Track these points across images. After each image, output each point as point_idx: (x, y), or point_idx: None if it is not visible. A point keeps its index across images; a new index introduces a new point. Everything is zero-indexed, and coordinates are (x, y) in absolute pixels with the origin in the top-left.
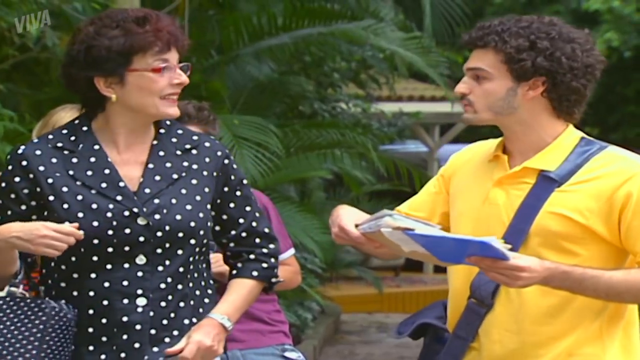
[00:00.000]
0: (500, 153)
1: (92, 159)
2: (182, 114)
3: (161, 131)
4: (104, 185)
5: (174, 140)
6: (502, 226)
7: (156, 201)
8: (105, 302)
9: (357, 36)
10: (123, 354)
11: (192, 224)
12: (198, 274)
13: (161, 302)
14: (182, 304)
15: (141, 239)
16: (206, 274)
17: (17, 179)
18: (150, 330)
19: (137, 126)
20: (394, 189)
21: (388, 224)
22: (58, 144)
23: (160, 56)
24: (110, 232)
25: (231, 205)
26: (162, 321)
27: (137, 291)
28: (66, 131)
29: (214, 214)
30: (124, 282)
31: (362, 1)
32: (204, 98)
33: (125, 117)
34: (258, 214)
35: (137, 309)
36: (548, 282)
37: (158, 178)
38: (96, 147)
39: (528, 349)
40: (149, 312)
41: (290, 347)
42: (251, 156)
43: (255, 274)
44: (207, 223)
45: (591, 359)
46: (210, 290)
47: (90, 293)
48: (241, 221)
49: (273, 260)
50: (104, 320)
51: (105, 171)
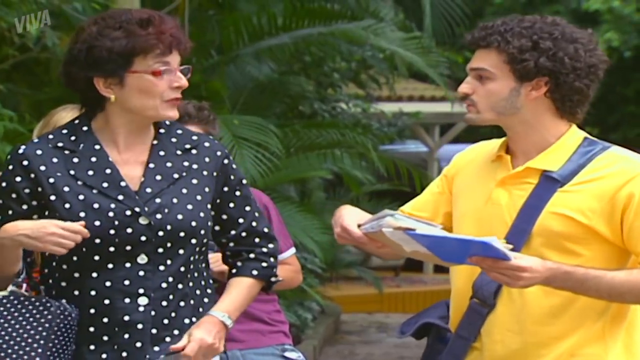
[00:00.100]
0: (503, 153)
1: (93, 158)
2: (182, 113)
3: (161, 131)
4: (105, 184)
5: (173, 140)
6: (504, 226)
7: (157, 200)
8: (106, 301)
9: (357, 36)
10: (124, 353)
11: (193, 223)
12: (198, 274)
13: (162, 302)
14: (182, 303)
15: (143, 238)
16: (205, 273)
17: (19, 178)
18: (151, 330)
19: (136, 127)
20: (394, 189)
21: (389, 224)
22: (59, 143)
23: (161, 59)
24: (112, 231)
25: (231, 205)
26: (163, 320)
27: (138, 290)
28: (66, 131)
29: (213, 213)
30: (125, 282)
31: (362, 1)
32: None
33: (123, 118)
34: (257, 214)
35: (138, 308)
36: (550, 282)
37: (159, 178)
38: (97, 147)
39: (530, 349)
40: (150, 312)
41: (290, 347)
42: (251, 156)
43: (254, 272)
44: (207, 223)
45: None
46: (209, 290)
47: (92, 292)
48: (241, 221)
49: (272, 259)
50: (105, 320)
51: (107, 171)
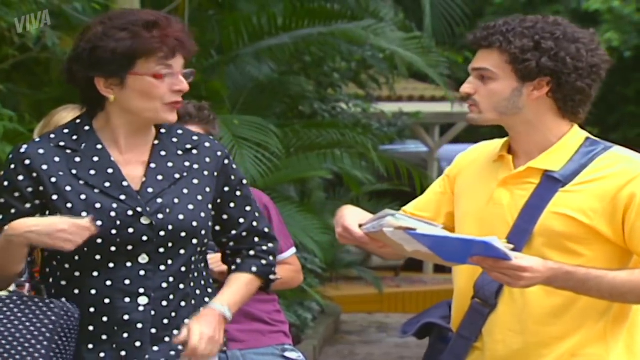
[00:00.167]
0: (505, 153)
1: (95, 158)
2: (183, 113)
3: (162, 131)
4: (107, 184)
5: (174, 140)
6: (506, 226)
7: (159, 201)
8: (106, 300)
9: (357, 36)
10: (123, 352)
11: (194, 223)
12: (198, 274)
13: (162, 302)
14: (183, 303)
15: (144, 238)
16: (205, 273)
17: (21, 177)
18: (151, 329)
19: (136, 127)
20: (394, 189)
21: (390, 223)
22: (60, 143)
23: (164, 62)
24: (113, 231)
25: (231, 205)
26: (163, 320)
27: (139, 290)
28: (68, 130)
29: (214, 213)
30: (126, 281)
31: (362, 1)
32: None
33: (123, 119)
34: (257, 214)
35: (138, 307)
36: (551, 282)
37: (160, 178)
38: (99, 146)
39: (531, 349)
40: (150, 311)
41: (290, 347)
42: (251, 156)
43: (254, 269)
44: (208, 223)
45: None
46: (210, 290)
47: (92, 291)
48: (241, 221)
49: (272, 258)
50: (104, 319)
51: (109, 171)
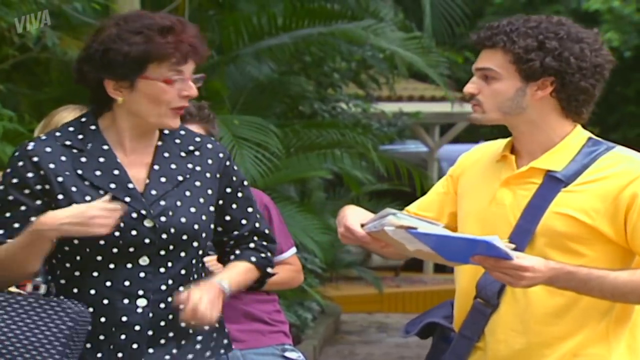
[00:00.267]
0: (508, 153)
1: (101, 159)
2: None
3: (165, 132)
4: (112, 186)
5: (177, 142)
6: (508, 226)
7: (162, 203)
8: (105, 301)
9: (357, 36)
10: (120, 354)
11: (195, 226)
12: (198, 276)
13: (161, 304)
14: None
15: (146, 240)
16: (204, 274)
17: (30, 174)
18: (148, 332)
19: (141, 131)
20: (394, 189)
21: (391, 222)
22: (66, 142)
23: (175, 67)
24: (116, 233)
25: (234, 207)
26: (161, 323)
27: (138, 292)
28: (73, 129)
29: (216, 215)
30: (125, 282)
31: (362, 1)
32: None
33: (129, 122)
34: (259, 215)
35: (137, 309)
36: (553, 282)
37: (163, 179)
38: (105, 147)
39: (533, 349)
40: (148, 313)
41: (290, 347)
42: (251, 156)
43: (253, 259)
44: (209, 226)
45: None
46: None
47: (91, 291)
48: (244, 222)
49: (270, 254)
50: (102, 319)
51: (115, 172)
